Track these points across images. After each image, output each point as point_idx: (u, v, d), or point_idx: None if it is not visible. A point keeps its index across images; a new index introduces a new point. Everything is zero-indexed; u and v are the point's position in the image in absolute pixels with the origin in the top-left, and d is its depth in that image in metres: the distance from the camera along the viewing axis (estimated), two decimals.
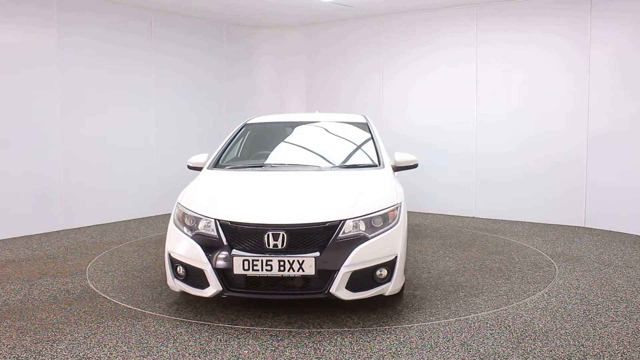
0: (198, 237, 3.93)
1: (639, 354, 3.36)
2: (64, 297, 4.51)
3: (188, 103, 8.86)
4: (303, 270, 3.70)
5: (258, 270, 3.73)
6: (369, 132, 5.28)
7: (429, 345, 3.49)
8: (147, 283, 4.88)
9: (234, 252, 3.78)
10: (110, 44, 7.72)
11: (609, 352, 3.38)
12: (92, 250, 6.12)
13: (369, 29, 8.91)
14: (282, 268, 3.71)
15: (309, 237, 3.79)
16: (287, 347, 3.48)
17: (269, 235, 3.77)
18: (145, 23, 8.17)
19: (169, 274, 4.10)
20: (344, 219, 3.85)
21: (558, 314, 4.04)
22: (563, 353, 3.37)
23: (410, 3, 7.97)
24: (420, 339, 3.59)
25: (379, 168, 4.76)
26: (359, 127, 5.42)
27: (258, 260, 3.72)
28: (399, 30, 8.63)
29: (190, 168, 5.15)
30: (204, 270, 3.83)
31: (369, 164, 4.85)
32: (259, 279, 3.81)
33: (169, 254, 4.07)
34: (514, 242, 6.48)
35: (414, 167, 5.03)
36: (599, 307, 4.21)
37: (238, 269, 3.74)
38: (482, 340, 3.56)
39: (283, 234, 3.76)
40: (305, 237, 3.79)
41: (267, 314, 4.02)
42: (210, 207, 4.05)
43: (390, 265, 3.89)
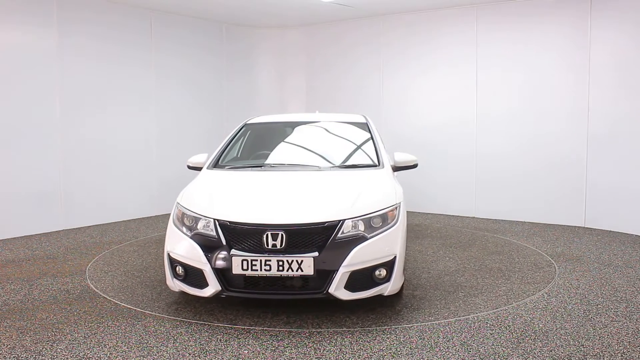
0: (197, 237, 3.93)
1: (639, 354, 3.36)
2: (64, 297, 4.51)
3: (188, 103, 8.86)
4: (302, 270, 3.70)
5: (257, 270, 3.73)
6: (369, 132, 5.28)
7: (429, 345, 3.49)
8: (147, 283, 4.88)
9: (233, 252, 3.78)
10: (110, 44, 7.73)
11: (609, 352, 3.38)
12: (92, 250, 6.12)
13: (369, 29, 8.91)
14: (280, 268, 3.71)
15: (308, 237, 3.79)
16: (287, 347, 3.48)
17: (268, 235, 3.77)
18: (145, 23, 8.17)
19: (168, 274, 4.11)
20: (343, 219, 3.85)
21: (558, 314, 4.04)
22: (563, 353, 3.37)
23: (410, 3, 7.97)
24: (420, 339, 3.59)
25: (379, 168, 4.75)
26: (359, 127, 5.41)
27: (257, 260, 3.72)
28: (399, 30, 8.62)
29: (190, 168, 5.15)
30: (203, 270, 3.83)
31: (369, 164, 4.84)
32: (258, 279, 3.81)
33: (168, 254, 4.07)
34: (514, 242, 6.47)
35: (414, 167, 5.03)
36: (599, 307, 4.20)
37: (237, 269, 3.74)
38: (482, 340, 3.56)
39: (282, 234, 3.76)
40: (304, 237, 3.79)
41: (266, 314, 4.02)
42: (210, 207, 4.05)
43: (389, 265, 3.89)
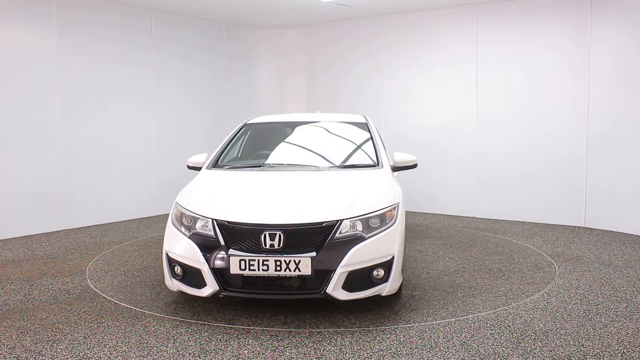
0: (195, 237, 3.93)
1: (639, 354, 3.35)
2: (64, 297, 4.51)
3: (188, 103, 8.86)
4: (299, 270, 3.70)
5: (255, 270, 3.72)
6: (369, 132, 5.27)
7: (429, 345, 3.49)
8: (147, 283, 4.88)
9: (231, 252, 3.78)
10: (110, 44, 7.73)
11: (609, 352, 3.38)
12: (92, 250, 6.12)
13: (369, 29, 8.90)
14: (278, 268, 3.70)
15: (306, 237, 3.78)
16: (287, 347, 3.47)
17: (266, 235, 3.77)
18: (145, 23, 8.17)
19: (167, 274, 4.11)
20: (341, 219, 3.84)
21: (558, 314, 4.03)
22: (563, 353, 3.36)
23: (410, 3, 7.97)
24: (420, 339, 3.58)
25: (378, 168, 4.75)
26: (359, 127, 5.41)
27: (255, 260, 3.72)
28: (399, 30, 8.62)
29: (190, 168, 5.15)
30: (201, 270, 3.83)
31: (368, 164, 4.84)
32: (256, 279, 3.80)
33: (167, 254, 4.08)
34: (514, 242, 6.47)
35: (414, 167, 5.02)
36: (599, 307, 4.20)
37: (235, 269, 3.74)
38: (482, 341, 3.56)
39: (280, 234, 3.76)
40: (302, 237, 3.78)
41: (264, 314, 4.02)
42: (208, 207, 4.05)
43: (387, 266, 3.88)
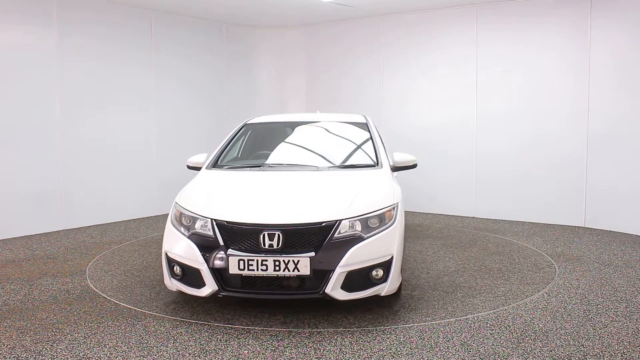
0: (194, 236, 3.93)
1: (639, 354, 3.35)
2: (64, 297, 4.51)
3: (188, 103, 8.86)
4: (298, 270, 3.70)
5: (253, 270, 3.72)
6: (369, 132, 5.27)
7: (429, 345, 3.48)
8: (147, 283, 4.88)
9: (230, 251, 3.78)
10: (110, 44, 7.73)
11: (609, 352, 3.38)
12: (92, 250, 6.12)
13: (369, 29, 8.90)
14: (277, 268, 3.70)
15: (305, 237, 3.78)
16: (287, 347, 3.47)
17: (265, 235, 3.76)
18: (145, 23, 8.17)
19: (166, 274, 4.11)
20: (340, 219, 3.84)
21: (558, 314, 4.03)
22: (563, 353, 3.36)
23: (410, 3, 7.97)
24: (420, 339, 3.58)
25: (377, 168, 4.74)
26: (359, 127, 5.40)
27: (253, 260, 3.72)
28: (399, 30, 8.62)
29: (190, 168, 5.15)
30: (200, 270, 3.83)
31: (367, 164, 4.83)
32: (255, 279, 3.80)
33: (166, 254, 4.08)
34: (514, 242, 6.46)
35: (413, 167, 5.01)
36: (599, 307, 4.20)
37: (234, 269, 3.74)
38: (482, 341, 3.55)
39: (279, 234, 3.76)
40: (301, 237, 3.78)
41: (263, 314, 4.02)
42: (207, 207, 4.05)
43: (386, 266, 3.88)
